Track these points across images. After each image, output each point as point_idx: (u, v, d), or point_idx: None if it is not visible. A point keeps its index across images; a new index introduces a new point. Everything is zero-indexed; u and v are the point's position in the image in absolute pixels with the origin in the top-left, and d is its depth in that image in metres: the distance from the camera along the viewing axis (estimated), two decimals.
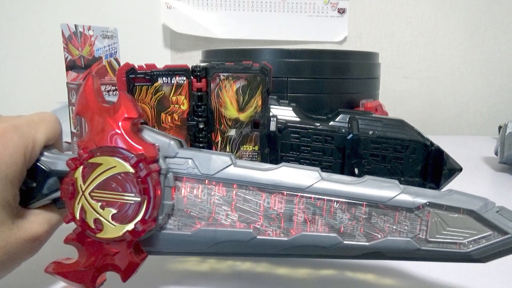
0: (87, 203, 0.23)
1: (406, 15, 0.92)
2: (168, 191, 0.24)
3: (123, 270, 0.24)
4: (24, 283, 0.28)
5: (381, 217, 0.23)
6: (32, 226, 0.24)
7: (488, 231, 0.22)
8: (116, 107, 0.24)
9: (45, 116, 0.26)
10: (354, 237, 0.24)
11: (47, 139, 0.25)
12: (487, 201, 0.23)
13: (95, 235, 0.23)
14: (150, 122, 0.33)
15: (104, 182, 0.23)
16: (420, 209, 0.23)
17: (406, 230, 0.23)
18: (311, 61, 0.43)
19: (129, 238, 0.23)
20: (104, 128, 0.24)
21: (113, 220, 0.23)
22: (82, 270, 0.24)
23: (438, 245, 0.23)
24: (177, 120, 0.33)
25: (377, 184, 0.24)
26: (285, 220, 0.24)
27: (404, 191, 0.23)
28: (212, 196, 0.25)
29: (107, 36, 0.65)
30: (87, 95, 0.25)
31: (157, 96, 0.33)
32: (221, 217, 0.25)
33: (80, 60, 0.63)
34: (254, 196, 0.24)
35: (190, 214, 0.25)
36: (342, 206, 0.24)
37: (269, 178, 0.24)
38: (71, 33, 0.62)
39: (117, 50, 0.67)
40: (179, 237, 0.25)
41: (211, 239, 0.25)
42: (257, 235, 0.24)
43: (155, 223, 0.24)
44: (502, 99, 0.96)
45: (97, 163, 0.23)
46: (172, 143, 0.25)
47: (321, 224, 0.24)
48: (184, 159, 0.25)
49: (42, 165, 0.25)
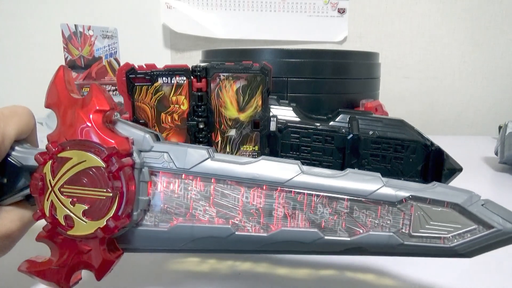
0: (57, 199, 0.22)
1: (406, 15, 0.92)
2: (143, 186, 0.24)
3: (97, 268, 0.23)
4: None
5: (363, 212, 0.23)
6: (3, 223, 0.23)
7: (473, 225, 0.21)
8: (87, 99, 0.23)
9: (16, 110, 0.25)
10: (335, 232, 0.23)
11: (18, 133, 0.24)
12: (472, 194, 0.22)
13: (66, 232, 0.22)
14: (150, 122, 0.33)
15: (74, 177, 0.22)
16: (403, 203, 0.22)
17: (388, 224, 0.22)
18: (311, 61, 0.43)
19: (101, 235, 0.22)
20: (75, 121, 0.23)
21: (85, 216, 0.22)
22: (55, 269, 0.23)
23: (421, 239, 0.22)
24: (177, 120, 0.33)
25: (359, 177, 0.23)
26: (264, 215, 0.24)
27: (387, 184, 0.23)
28: (189, 191, 0.24)
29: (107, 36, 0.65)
30: (57, 86, 0.24)
31: (157, 96, 0.33)
32: (199, 213, 0.24)
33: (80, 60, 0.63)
34: (232, 191, 0.24)
35: (167, 209, 0.24)
36: (323, 200, 0.23)
37: (247, 172, 0.23)
38: (71, 33, 0.62)
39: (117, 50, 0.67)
40: (155, 233, 0.24)
41: (189, 235, 0.24)
42: (236, 231, 0.24)
43: (129, 220, 0.23)
44: (502, 99, 0.96)
45: (67, 157, 0.22)
46: (147, 136, 0.24)
47: (302, 219, 0.23)
48: (160, 153, 0.24)
49: (13, 160, 0.24)
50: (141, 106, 0.33)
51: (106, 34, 0.65)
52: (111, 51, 0.66)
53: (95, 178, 0.22)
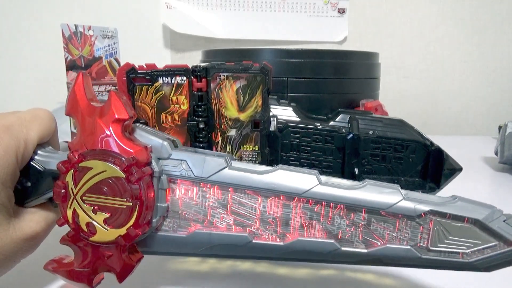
0: (79, 206, 0.22)
1: (406, 15, 0.92)
2: (162, 194, 0.24)
3: (119, 271, 0.24)
4: (24, 278, 0.28)
5: (380, 224, 0.23)
6: (29, 225, 0.24)
7: (493, 241, 0.21)
8: (106, 108, 0.23)
9: (38, 113, 0.25)
10: (352, 244, 0.23)
11: (40, 137, 0.24)
12: (494, 210, 0.21)
13: (88, 238, 0.23)
14: (150, 122, 0.33)
15: (95, 186, 0.22)
16: (422, 217, 0.22)
17: (406, 237, 0.22)
18: (311, 61, 0.43)
19: (123, 243, 0.23)
20: (95, 130, 0.23)
21: (106, 224, 0.22)
22: (77, 270, 0.24)
23: (439, 254, 0.22)
24: (177, 120, 0.33)
25: (377, 190, 0.23)
26: (281, 224, 0.24)
27: (406, 197, 0.22)
28: (207, 198, 0.24)
29: (107, 36, 0.65)
30: (77, 94, 0.24)
31: (158, 96, 0.33)
32: (216, 220, 0.24)
33: (80, 60, 0.63)
34: (250, 200, 0.24)
35: (185, 216, 0.24)
36: (340, 211, 0.23)
37: (265, 182, 0.23)
38: (71, 33, 0.62)
39: (117, 50, 0.67)
40: (174, 239, 0.25)
41: (207, 241, 0.24)
42: (253, 239, 0.24)
43: (149, 227, 0.23)
44: (502, 99, 0.96)
45: (88, 167, 0.22)
46: (165, 144, 0.24)
47: (319, 229, 0.23)
48: (178, 161, 0.24)
49: (36, 164, 0.24)
50: (141, 106, 0.33)
51: (106, 34, 0.65)
52: (111, 51, 0.66)
53: (115, 188, 0.22)
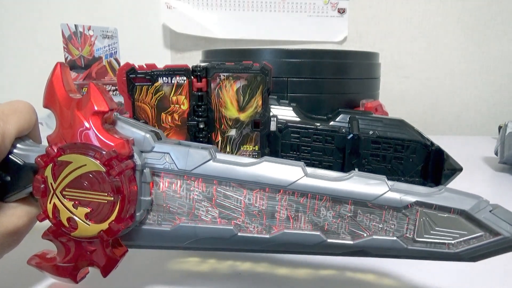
0: (59, 201, 0.22)
1: (406, 15, 0.92)
2: (145, 187, 0.23)
3: (102, 266, 0.23)
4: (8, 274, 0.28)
5: (367, 215, 0.23)
6: (11, 220, 0.23)
7: (479, 231, 0.21)
8: (85, 100, 0.22)
9: (17, 106, 0.24)
10: (338, 235, 0.23)
11: (19, 130, 0.24)
12: (480, 200, 0.21)
13: (69, 233, 0.22)
14: (150, 122, 0.33)
15: (75, 180, 0.21)
16: (408, 208, 0.22)
17: (392, 229, 0.22)
18: (311, 61, 0.43)
19: (105, 238, 0.22)
20: (74, 123, 0.22)
21: (87, 219, 0.22)
22: (61, 265, 0.24)
23: (425, 245, 0.22)
24: (177, 120, 0.33)
25: (363, 181, 0.23)
26: (267, 216, 0.23)
27: (392, 188, 0.22)
28: (191, 191, 0.24)
29: (107, 36, 0.65)
30: (55, 85, 0.23)
31: (158, 96, 0.33)
32: (201, 213, 0.24)
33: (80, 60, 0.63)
34: (235, 192, 0.24)
35: (170, 209, 0.24)
36: (326, 203, 0.23)
37: (250, 174, 0.23)
38: (71, 33, 0.62)
39: (117, 50, 0.67)
40: (159, 232, 0.24)
41: (192, 235, 0.24)
42: (238, 232, 0.24)
43: (132, 221, 0.23)
44: (502, 99, 0.96)
45: (67, 161, 0.21)
46: (148, 136, 0.23)
47: (304, 222, 0.23)
48: (161, 153, 0.23)
49: (15, 158, 0.23)
50: (141, 106, 0.33)
51: (106, 34, 0.65)
52: (111, 51, 0.66)
53: (96, 182, 0.22)
